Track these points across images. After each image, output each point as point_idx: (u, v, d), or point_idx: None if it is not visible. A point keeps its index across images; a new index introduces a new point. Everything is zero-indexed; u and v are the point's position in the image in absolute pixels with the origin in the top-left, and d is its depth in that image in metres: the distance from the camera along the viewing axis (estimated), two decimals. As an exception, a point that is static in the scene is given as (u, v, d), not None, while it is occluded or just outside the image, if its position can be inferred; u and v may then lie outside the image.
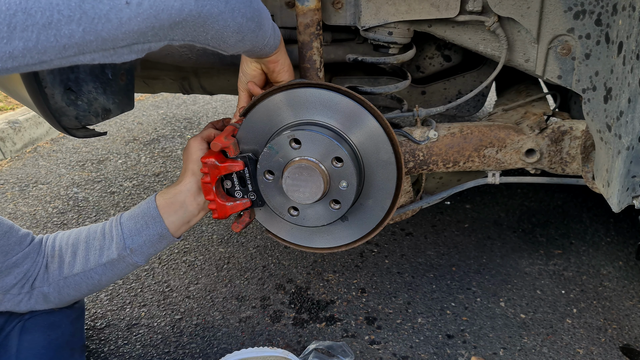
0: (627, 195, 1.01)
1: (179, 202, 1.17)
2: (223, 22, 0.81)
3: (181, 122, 3.47)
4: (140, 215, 1.18)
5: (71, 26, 0.62)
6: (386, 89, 1.26)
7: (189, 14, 0.74)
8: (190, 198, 1.18)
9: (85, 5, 0.63)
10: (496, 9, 1.08)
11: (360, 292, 1.72)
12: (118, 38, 0.67)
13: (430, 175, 1.41)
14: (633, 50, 0.89)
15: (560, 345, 1.49)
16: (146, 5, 0.68)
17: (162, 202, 1.18)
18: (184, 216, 1.19)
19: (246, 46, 0.92)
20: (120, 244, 1.17)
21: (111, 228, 1.19)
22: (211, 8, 0.78)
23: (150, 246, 1.19)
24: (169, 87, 1.81)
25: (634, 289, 1.71)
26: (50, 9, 0.60)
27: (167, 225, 1.17)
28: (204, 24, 0.78)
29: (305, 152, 1.04)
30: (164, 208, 1.17)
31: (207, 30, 0.80)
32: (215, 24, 0.80)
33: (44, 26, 0.60)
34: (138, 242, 1.17)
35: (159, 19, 0.70)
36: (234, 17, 0.83)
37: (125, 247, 1.17)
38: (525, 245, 1.97)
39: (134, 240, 1.17)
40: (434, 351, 1.47)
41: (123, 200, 2.38)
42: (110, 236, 1.18)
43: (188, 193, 1.17)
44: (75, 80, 1.18)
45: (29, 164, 2.84)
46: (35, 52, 0.61)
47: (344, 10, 1.19)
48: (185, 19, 0.74)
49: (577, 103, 1.53)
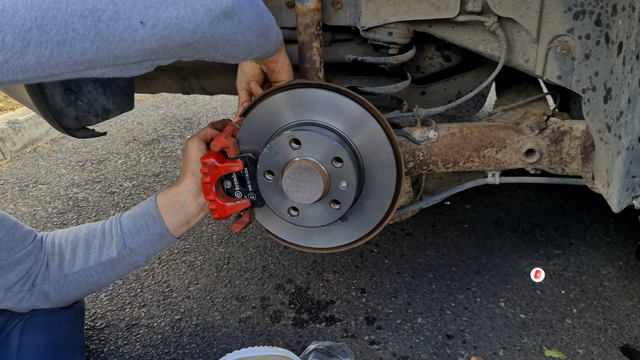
0: (627, 195, 1.01)
1: (180, 203, 1.18)
2: (234, 42, 0.82)
3: (181, 122, 3.47)
4: (140, 215, 1.18)
5: (85, 44, 0.63)
6: (386, 89, 1.26)
7: (202, 36, 0.75)
8: (190, 198, 1.18)
9: (101, 24, 0.64)
10: (496, 10, 1.08)
11: (360, 292, 1.72)
12: (130, 55, 0.69)
13: (430, 175, 1.41)
14: (633, 50, 0.89)
15: (560, 345, 1.49)
16: (161, 26, 0.69)
17: (163, 202, 1.18)
18: (184, 217, 1.19)
19: (253, 57, 0.93)
20: (120, 243, 1.17)
21: (111, 227, 1.19)
22: (224, 30, 0.78)
23: (150, 246, 1.19)
24: (169, 87, 1.81)
25: (634, 289, 1.71)
26: (65, 27, 0.61)
27: (167, 225, 1.17)
28: (215, 44, 0.79)
29: (305, 152, 1.04)
30: (164, 208, 1.18)
31: (218, 49, 0.81)
32: (227, 44, 0.81)
33: (58, 43, 0.61)
34: (137, 241, 1.17)
35: (172, 39, 0.71)
36: (245, 36, 0.84)
37: (124, 247, 1.17)
38: (525, 245, 1.97)
39: (134, 239, 1.17)
40: (434, 351, 1.47)
41: (123, 200, 2.39)
42: (110, 235, 1.18)
43: (188, 194, 1.18)
44: (75, 81, 1.19)
45: (28, 164, 2.84)
46: (47, 67, 0.62)
47: (344, 11, 1.19)
48: (198, 41, 0.75)
49: (577, 103, 1.53)
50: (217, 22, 0.76)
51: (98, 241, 1.19)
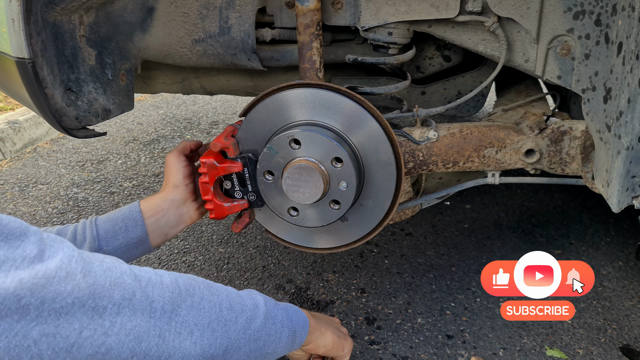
0: (626, 195, 1.01)
1: (162, 210, 1.17)
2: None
3: (181, 123, 3.47)
4: (120, 218, 1.15)
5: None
6: (386, 89, 1.26)
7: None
8: (172, 208, 1.18)
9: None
10: (496, 9, 1.08)
11: (360, 292, 1.72)
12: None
13: (430, 175, 1.41)
14: (633, 50, 0.89)
15: (560, 345, 1.49)
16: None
17: (146, 207, 1.16)
18: (165, 225, 1.18)
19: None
20: (93, 245, 1.11)
21: (84, 229, 1.13)
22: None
23: (126, 251, 1.14)
24: (168, 87, 1.80)
25: (634, 289, 1.71)
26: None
27: (148, 231, 1.15)
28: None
29: (305, 152, 1.04)
30: (148, 212, 1.16)
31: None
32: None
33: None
34: (113, 245, 1.13)
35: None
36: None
37: (98, 249, 1.12)
38: (525, 245, 1.97)
39: (109, 242, 1.12)
40: (434, 351, 1.47)
41: (123, 200, 2.39)
42: (83, 237, 1.12)
43: (171, 202, 1.18)
44: (75, 81, 1.19)
45: (28, 164, 2.84)
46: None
47: (344, 11, 1.19)
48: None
49: (576, 103, 1.53)
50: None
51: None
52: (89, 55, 1.20)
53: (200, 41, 1.26)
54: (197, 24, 1.24)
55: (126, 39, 1.25)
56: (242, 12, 1.21)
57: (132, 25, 1.24)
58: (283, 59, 1.33)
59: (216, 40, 1.25)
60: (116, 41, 1.24)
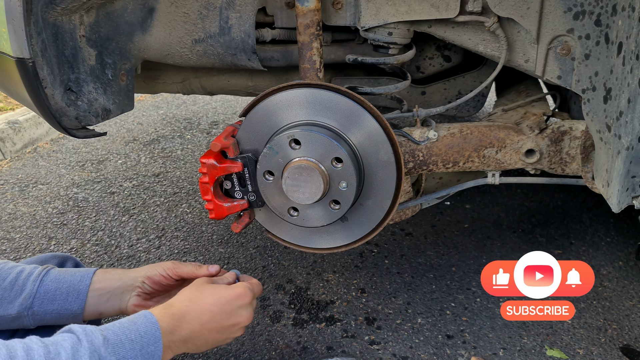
0: (626, 195, 1.01)
1: (111, 288, 1.09)
2: None
3: (181, 123, 3.47)
4: (67, 282, 1.06)
5: None
6: (386, 90, 1.26)
7: None
8: (120, 290, 1.09)
9: None
10: (496, 10, 1.08)
11: (360, 292, 1.72)
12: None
13: (430, 175, 1.41)
14: (632, 50, 0.89)
15: (560, 345, 1.49)
16: None
17: (100, 277, 1.09)
18: (104, 303, 1.08)
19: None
20: (26, 302, 1.03)
21: (26, 281, 1.04)
22: None
23: (55, 319, 1.05)
24: (169, 87, 1.81)
25: (634, 289, 1.71)
26: None
27: (85, 307, 1.06)
28: None
29: (305, 152, 1.04)
30: (97, 284, 1.08)
31: None
32: None
33: None
34: (46, 309, 1.04)
35: None
36: None
37: (29, 308, 1.03)
38: (525, 245, 1.97)
39: (44, 305, 1.03)
40: (434, 351, 1.47)
41: (123, 200, 2.39)
42: (21, 289, 1.03)
43: (123, 284, 1.10)
44: (75, 81, 1.19)
45: (28, 164, 2.84)
46: None
47: (344, 11, 1.19)
48: None
49: (576, 103, 1.53)
50: None
51: (0, 292, 1.04)
52: (89, 55, 1.20)
53: (201, 41, 1.26)
54: (197, 24, 1.24)
55: (126, 39, 1.25)
56: (242, 12, 1.21)
57: (133, 25, 1.24)
58: (283, 59, 1.33)
59: (216, 40, 1.25)
60: (116, 41, 1.24)
